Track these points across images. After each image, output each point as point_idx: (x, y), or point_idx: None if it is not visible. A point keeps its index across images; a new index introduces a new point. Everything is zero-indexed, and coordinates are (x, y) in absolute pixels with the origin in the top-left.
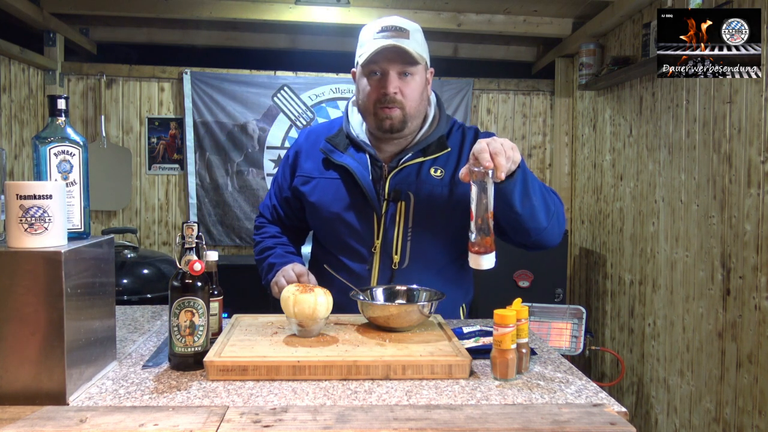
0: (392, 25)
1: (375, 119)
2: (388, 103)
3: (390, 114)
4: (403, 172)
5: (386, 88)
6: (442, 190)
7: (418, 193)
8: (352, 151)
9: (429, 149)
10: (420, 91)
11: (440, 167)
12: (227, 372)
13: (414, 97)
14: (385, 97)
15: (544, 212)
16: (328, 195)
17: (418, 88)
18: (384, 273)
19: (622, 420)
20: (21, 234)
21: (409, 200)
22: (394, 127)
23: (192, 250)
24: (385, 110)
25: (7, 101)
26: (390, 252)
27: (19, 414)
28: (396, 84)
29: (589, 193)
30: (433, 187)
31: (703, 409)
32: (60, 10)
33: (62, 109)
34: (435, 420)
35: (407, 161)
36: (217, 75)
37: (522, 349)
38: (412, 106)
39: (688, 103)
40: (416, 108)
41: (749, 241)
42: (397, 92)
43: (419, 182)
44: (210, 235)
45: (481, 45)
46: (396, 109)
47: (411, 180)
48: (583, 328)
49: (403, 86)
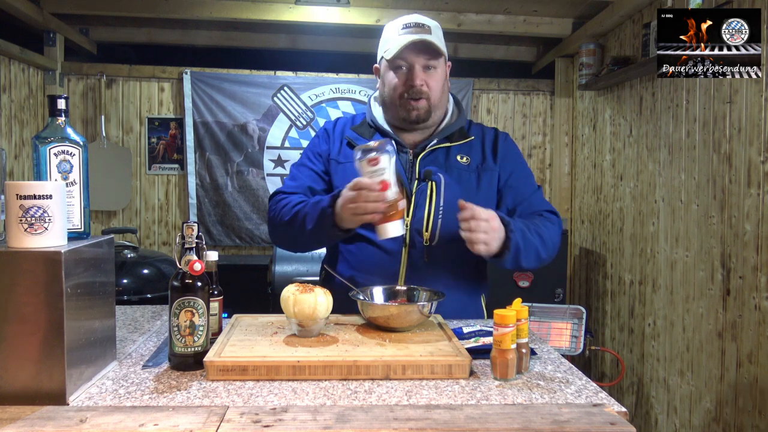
0: (415, 22)
1: (403, 110)
2: (415, 94)
3: (417, 105)
4: (431, 155)
5: (413, 81)
6: (470, 176)
7: (447, 176)
8: (378, 137)
9: (453, 137)
10: (443, 83)
11: (465, 155)
12: (227, 372)
13: (438, 89)
14: (412, 90)
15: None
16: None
17: (441, 80)
18: (415, 250)
19: (622, 420)
20: (21, 234)
21: (440, 181)
22: (420, 117)
23: (192, 250)
24: (411, 102)
25: (7, 101)
26: (421, 230)
27: (19, 414)
28: (422, 77)
29: (589, 193)
30: (461, 171)
31: (703, 409)
32: (60, 10)
33: (62, 109)
34: (435, 420)
35: (435, 146)
36: (217, 75)
37: (522, 349)
38: (436, 96)
39: (688, 103)
40: (439, 98)
41: (749, 241)
42: (423, 84)
43: (448, 165)
44: (210, 235)
45: (481, 45)
46: (422, 101)
47: (440, 163)
48: (583, 328)
49: (428, 78)
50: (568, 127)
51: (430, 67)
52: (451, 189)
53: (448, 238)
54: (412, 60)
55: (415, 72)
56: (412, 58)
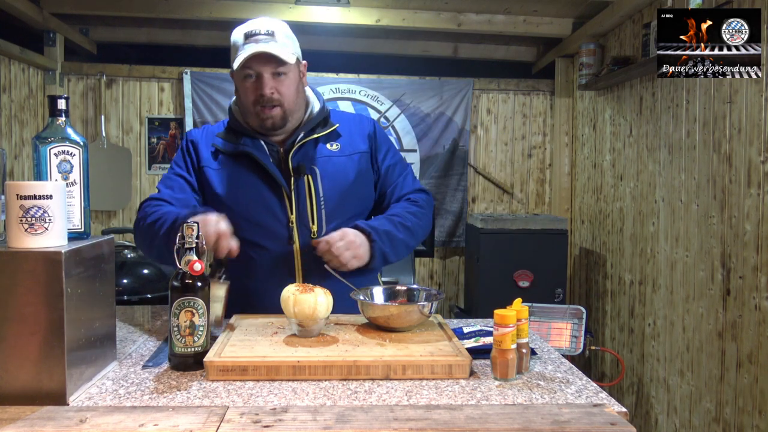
0: (257, 30)
1: (257, 119)
2: (266, 103)
3: (271, 113)
4: (301, 150)
5: (263, 90)
6: (342, 161)
7: (321, 166)
8: (246, 140)
9: (317, 128)
10: (295, 87)
11: (334, 142)
12: (227, 372)
13: (290, 94)
14: (263, 98)
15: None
16: (235, 181)
17: (293, 84)
18: (305, 244)
19: (622, 420)
20: (21, 234)
21: (314, 173)
22: (275, 125)
23: (192, 250)
24: (265, 110)
25: (7, 101)
26: (307, 223)
27: (19, 414)
28: (271, 84)
29: (589, 193)
30: (333, 158)
31: (703, 409)
32: (60, 10)
33: (62, 109)
34: (435, 420)
35: (302, 140)
36: (217, 75)
37: (522, 349)
38: (290, 102)
39: (688, 103)
40: (294, 103)
41: (749, 241)
42: (274, 92)
43: (319, 156)
44: None
45: (481, 45)
46: (276, 108)
47: (311, 155)
48: (583, 328)
49: (278, 85)
50: (568, 127)
51: (281, 74)
52: (327, 178)
53: (334, 226)
54: (259, 69)
55: (264, 81)
56: (258, 67)
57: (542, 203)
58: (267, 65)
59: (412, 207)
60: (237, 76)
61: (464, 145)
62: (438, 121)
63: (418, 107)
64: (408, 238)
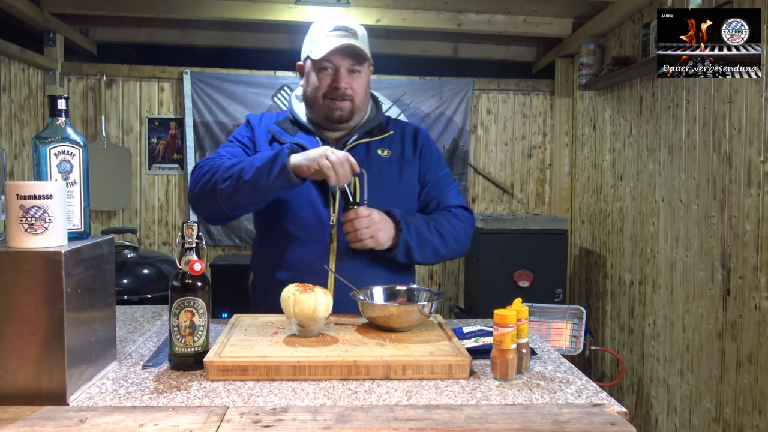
0: (343, 26)
1: (325, 110)
2: (339, 96)
3: (341, 105)
4: (353, 150)
5: (338, 83)
6: (391, 168)
7: (369, 170)
8: (301, 134)
9: (373, 132)
10: (366, 86)
11: (386, 148)
12: (227, 372)
13: (361, 91)
14: (336, 91)
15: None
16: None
17: (364, 83)
18: (343, 244)
19: (622, 420)
20: (21, 234)
21: (362, 175)
22: (343, 117)
23: (192, 250)
24: (336, 102)
25: (7, 101)
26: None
27: (19, 414)
28: (347, 79)
29: (589, 193)
30: (383, 164)
31: (703, 409)
32: (60, 10)
33: (62, 109)
34: (435, 420)
35: (356, 141)
36: (217, 75)
37: (522, 349)
38: (360, 98)
39: (688, 103)
40: (362, 101)
41: (749, 241)
42: (348, 87)
43: (369, 160)
44: (210, 235)
45: (481, 45)
46: (346, 102)
47: (361, 158)
48: (583, 328)
49: (352, 81)
50: (568, 127)
51: (355, 71)
52: (374, 182)
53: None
54: (338, 63)
55: (341, 74)
56: (338, 61)
57: (542, 203)
58: (345, 60)
59: (451, 218)
60: (312, 67)
61: (464, 145)
62: (438, 121)
63: (418, 107)
64: (439, 243)
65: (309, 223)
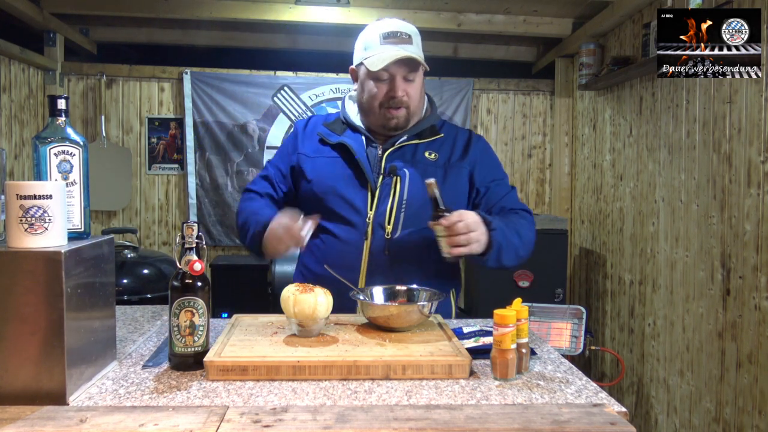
0: (397, 31)
1: (382, 119)
2: (396, 104)
3: (397, 114)
4: (399, 151)
5: (395, 92)
6: (436, 171)
7: (412, 171)
8: (348, 132)
9: (423, 134)
10: (421, 90)
11: (434, 151)
12: (227, 372)
13: (417, 97)
14: (393, 100)
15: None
16: (326, 170)
17: (420, 88)
18: (376, 243)
19: (622, 420)
20: (21, 234)
21: (404, 176)
22: (399, 125)
23: (192, 250)
24: (391, 111)
25: (7, 101)
26: (383, 223)
27: (19, 414)
28: (403, 87)
29: (589, 193)
30: (427, 167)
31: (703, 409)
32: (60, 10)
33: (62, 109)
34: (435, 420)
35: (403, 142)
36: (217, 75)
37: (522, 349)
38: (415, 105)
39: (688, 103)
40: (417, 106)
41: (749, 241)
42: (405, 95)
43: (414, 161)
44: (210, 235)
45: (481, 45)
46: (402, 109)
47: (407, 159)
48: (583, 328)
49: (408, 88)
50: (568, 127)
51: (411, 78)
52: (415, 184)
53: (409, 232)
54: (394, 71)
55: (397, 83)
56: (394, 70)
57: (542, 203)
58: (401, 68)
59: (521, 220)
60: (367, 75)
61: None
62: None
63: None
64: (520, 245)
65: (346, 220)
